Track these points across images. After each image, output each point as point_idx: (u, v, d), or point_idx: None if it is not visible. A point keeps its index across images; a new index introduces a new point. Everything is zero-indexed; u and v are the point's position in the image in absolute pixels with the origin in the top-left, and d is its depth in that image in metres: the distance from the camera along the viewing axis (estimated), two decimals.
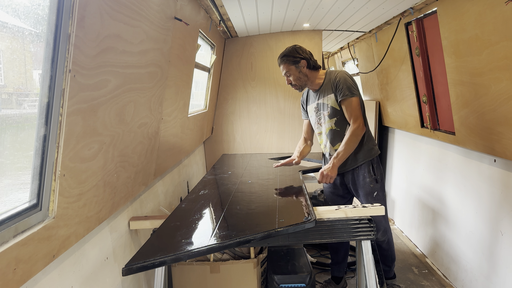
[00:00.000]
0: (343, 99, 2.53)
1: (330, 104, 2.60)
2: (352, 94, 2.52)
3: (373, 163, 2.62)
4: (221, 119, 4.64)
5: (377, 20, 3.54)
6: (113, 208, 1.85)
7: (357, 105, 2.52)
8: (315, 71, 2.66)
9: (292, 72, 2.61)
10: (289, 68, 2.61)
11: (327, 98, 2.62)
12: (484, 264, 2.62)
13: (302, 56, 2.59)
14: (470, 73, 2.43)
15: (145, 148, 2.19)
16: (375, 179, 2.61)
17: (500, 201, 2.44)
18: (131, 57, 1.74)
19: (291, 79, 2.63)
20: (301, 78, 2.62)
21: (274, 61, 4.51)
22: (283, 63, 2.63)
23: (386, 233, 2.72)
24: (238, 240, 1.58)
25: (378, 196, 2.60)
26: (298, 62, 2.59)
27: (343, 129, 2.60)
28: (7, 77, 1.29)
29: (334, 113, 2.60)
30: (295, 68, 2.60)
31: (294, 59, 2.58)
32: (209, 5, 2.83)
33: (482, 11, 2.14)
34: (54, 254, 1.37)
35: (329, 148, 2.70)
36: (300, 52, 2.60)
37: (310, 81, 2.66)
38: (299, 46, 2.65)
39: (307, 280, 2.37)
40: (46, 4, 1.22)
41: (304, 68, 2.60)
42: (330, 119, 2.63)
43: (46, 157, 1.31)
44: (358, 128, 2.49)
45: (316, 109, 2.72)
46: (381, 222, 2.68)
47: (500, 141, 2.27)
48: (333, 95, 2.59)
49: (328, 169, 2.49)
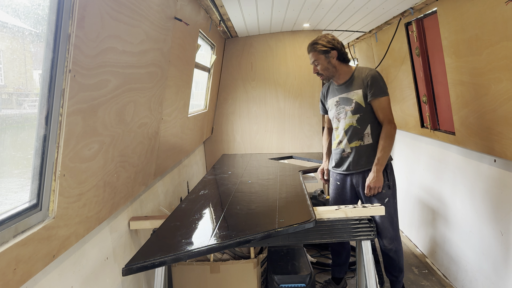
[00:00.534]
0: (376, 98, 2.46)
1: (356, 100, 2.51)
2: (385, 94, 2.47)
3: (387, 169, 2.53)
4: (221, 119, 4.64)
5: (377, 20, 3.54)
6: (113, 208, 1.85)
7: (388, 105, 2.48)
8: (344, 64, 2.56)
9: (321, 61, 2.52)
10: (318, 57, 2.51)
11: (353, 93, 2.53)
12: (484, 264, 2.62)
13: (334, 47, 2.49)
14: (470, 73, 2.43)
15: (145, 148, 2.19)
16: (387, 185, 2.51)
17: (500, 201, 2.44)
18: (131, 57, 1.74)
19: (319, 68, 2.54)
20: (329, 69, 2.53)
21: (274, 61, 4.51)
22: (312, 51, 2.53)
23: (393, 241, 2.60)
24: (238, 240, 1.58)
25: (389, 203, 2.51)
26: (328, 52, 2.49)
27: (363, 128, 2.53)
28: (7, 77, 1.29)
29: (358, 110, 2.52)
30: (324, 57, 2.50)
31: (324, 48, 2.48)
32: (209, 5, 2.83)
33: (482, 11, 2.14)
34: (54, 254, 1.37)
35: (345, 145, 2.60)
36: (332, 42, 2.50)
37: (337, 73, 2.56)
38: (332, 35, 2.55)
39: (307, 280, 2.37)
40: (46, 4, 1.22)
41: (334, 59, 2.51)
42: (352, 115, 2.54)
43: (46, 157, 1.31)
44: (393, 129, 2.45)
45: (337, 103, 2.62)
46: (388, 229, 2.57)
47: (500, 141, 2.27)
48: (361, 91, 2.50)
49: (373, 179, 2.44)
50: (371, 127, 2.53)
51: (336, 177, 2.73)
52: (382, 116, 2.48)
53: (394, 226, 2.59)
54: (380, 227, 2.57)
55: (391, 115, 2.49)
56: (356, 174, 2.59)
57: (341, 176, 2.69)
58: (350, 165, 2.59)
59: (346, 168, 2.61)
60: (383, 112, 2.48)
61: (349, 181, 2.64)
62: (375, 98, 2.47)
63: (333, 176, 2.78)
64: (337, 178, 2.72)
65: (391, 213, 2.54)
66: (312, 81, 4.50)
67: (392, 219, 2.56)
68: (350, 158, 2.58)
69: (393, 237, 2.59)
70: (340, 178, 2.70)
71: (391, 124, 2.47)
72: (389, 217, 2.54)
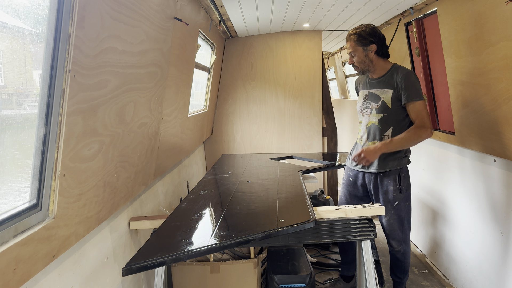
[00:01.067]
0: (411, 102, 2.37)
1: (384, 99, 2.44)
2: (421, 97, 2.37)
3: (401, 173, 2.48)
4: (221, 119, 4.64)
5: (377, 20, 3.54)
6: (113, 208, 1.85)
7: (425, 109, 2.37)
8: (382, 59, 2.48)
9: (358, 53, 2.43)
10: (356, 49, 2.43)
11: (383, 91, 2.46)
12: (484, 264, 2.62)
13: (374, 40, 2.40)
14: (470, 73, 2.43)
15: (145, 148, 2.19)
16: (399, 189, 2.46)
17: (500, 201, 2.44)
18: (131, 57, 1.74)
19: (354, 60, 2.47)
20: (366, 62, 2.45)
21: (274, 61, 4.51)
22: (350, 41, 2.44)
23: (402, 244, 2.58)
24: (238, 240, 1.58)
25: (399, 206, 2.48)
26: (367, 45, 2.40)
27: (385, 129, 2.47)
28: (7, 78, 1.29)
29: (384, 110, 2.45)
30: (362, 50, 2.42)
31: (364, 40, 2.40)
32: (209, 5, 2.83)
33: (482, 11, 2.14)
34: (54, 254, 1.37)
35: (364, 141, 2.56)
36: (373, 35, 2.40)
37: (373, 68, 2.48)
38: (374, 26, 2.44)
39: (307, 280, 2.37)
40: (46, 4, 1.22)
41: (372, 53, 2.43)
42: (376, 113, 2.48)
43: (46, 157, 1.31)
44: (425, 132, 2.33)
45: (366, 96, 2.56)
46: (396, 231, 2.54)
47: (500, 141, 2.27)
48: (391, 91, 2.42)
49: (370, 150, 2.34)
50: (393, 130, 2.47)
51: (350, 173, 2.71)
52: (417, 120, 2.38)
53: (404, 229, 2.56)
54: (388, 229, 2.56)
55: (427, 119, 2.36)
56: (369, 174, 2.56)
57: (354, 172, 2.67)
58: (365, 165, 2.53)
59: (362, 168, 2.59)
60: (418, 116, 2.37)
61: (361, 178, 2.62)
62: (410, 102, 2.37)
63: (346, 171, 2.76)
64: (351, 174, 2.70)
65: (401, 216, 2.52)
66: (312, 81, 4.50)
67: (402, 222, 2.54)
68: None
69: (402, 239, 2.57)
70: (353, 174, 2.68)
71: (426, 127, 2.34)
72: (398, 219, 2.52)
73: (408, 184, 2.53)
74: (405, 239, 2.59)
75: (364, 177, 2.60)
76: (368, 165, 2.51)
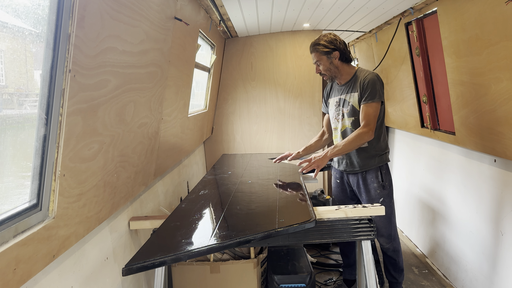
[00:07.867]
0: (366, 102, 2.43)
1: (352, 103, 2.51)
2: (374, 100, 2.42)
3: (382, 170, 2.56)
4: (221, 119, 4.64)
5: (377, 20, 3.54)
6: (113, 208, 1.85)
7: (374, 112, 2.41)
8: (346, 64, 2.55)
9: (322, 62, 2.51)
10: (320, 58, 2.51)
11: (350, 95, 2.53)
12: (484, 264, 2.62)
13: (336, 47, 2.48)
14: (470, 73, 2.43)
15: (145, 148, 2.19)
16: (382, 185, 2.54)
17: (500, 201, 2.44)
18: (131, 57, 1.74)
19: (321, 68, 2.54)
20: (331, 69, 2.53)
21: (274, 61, 4.51)
22: (314, 52, 2.52)
23: (391, 240, 2.62)
24: (238, 240, 1.58)
25: (384, 202, 2.53)
26: (330, 53, 2.48)
27: None
28: (8, 78, 1.29)
29: (353, 113, 2.52)
30: (326, 58, 2.50)
31: (326, 49, 2.47)
32: (209, 5, 2.83)
33: (482, 11, 2.14)
34: (54, 254, 1.37)
35: None
36: (334, 42, 2.48)
37: (340, 74, 2.56)
38: (334, 35, 2.52)
39: (307, 280, 2.37)
40: (46, 4, 1.22)
41: (336, 59, 2.50)
42: (348, 118, 2.55)
43: (46, 157, 1.31)
44: (366, 133, 2.38)
45: (337, 103, 2.62)
46: (386, 228, 2.59)
47: (500, 141, 2.27)
48: (357, 94, 2.49)
49: (319, 157, 2.39)
50: None
51: (336, 174, 2.82)
52: (361, 118, 2.44)
53: (392, 226, 2.63)
54: (376, 226, 2.59)
55: (372, 121, 2.40)
56: (352, 175, 2.66)
57: (340, 173, 2.78)
58: (346, 166, 2.66)
59: (344, 168, 2.69)
60: (363, 115, 2.43)
61: (346, 179, 2.72)
62: (364, 103, 2.44)
63: (333, 174, 2.86)
64: (337, 176, 2.81)
65: (387, 213, 2.56)
66: (312, 81, 4.50)
67: (389, 218, 2.60)
68: (345, 159, 2.65)
69: (390, 236, 2.63)
70: (339, 176, 2.79)
71: (367, 128, 2.38)
72: (385, 216, 2.56)
73: (390, 180, 2.60)
74: (394, 236, 2.64)
75: (348, 177, 2.69)
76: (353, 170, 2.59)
